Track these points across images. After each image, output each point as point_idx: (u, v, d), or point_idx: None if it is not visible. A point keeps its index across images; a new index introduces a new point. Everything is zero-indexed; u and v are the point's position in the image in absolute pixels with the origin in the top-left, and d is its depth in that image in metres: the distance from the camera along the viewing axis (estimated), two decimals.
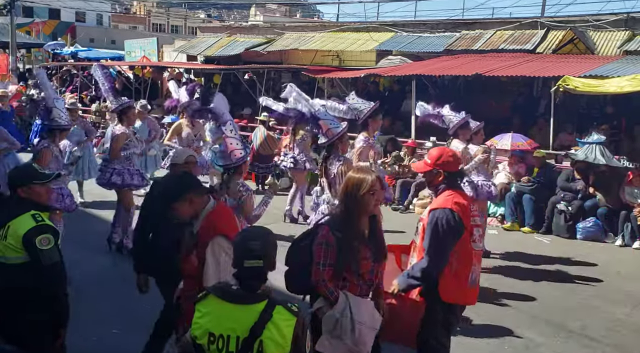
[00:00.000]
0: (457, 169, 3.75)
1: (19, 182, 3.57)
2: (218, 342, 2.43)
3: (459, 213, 3.48)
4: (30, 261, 3.38)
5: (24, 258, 3.40)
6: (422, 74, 11.52)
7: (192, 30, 48.83)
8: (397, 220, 8.44)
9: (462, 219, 3.48)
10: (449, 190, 3.63)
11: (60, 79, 21.51)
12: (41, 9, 39.30)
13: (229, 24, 28.90)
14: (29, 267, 3.39)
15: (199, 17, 58.54)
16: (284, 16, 45.66)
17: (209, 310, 2.49)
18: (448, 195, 3.60)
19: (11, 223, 3.41)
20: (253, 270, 2.48)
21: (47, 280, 3.40)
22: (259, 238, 2.55)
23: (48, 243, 3.39)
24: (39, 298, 3.39)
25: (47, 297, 3.41)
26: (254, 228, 3.00)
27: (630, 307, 6.07)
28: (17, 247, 3.38)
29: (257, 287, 2.49)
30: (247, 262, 2.48)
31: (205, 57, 18.88)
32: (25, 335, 3.36)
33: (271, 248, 2.56)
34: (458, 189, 3.73)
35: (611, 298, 6.32)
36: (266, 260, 2.50)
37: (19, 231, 3.39)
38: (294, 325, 2.43)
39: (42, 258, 3.35)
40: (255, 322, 2.40)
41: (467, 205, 3.58)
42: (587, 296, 6.32)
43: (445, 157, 3.68)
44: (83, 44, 28.24)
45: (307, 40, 16.40)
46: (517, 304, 5.98)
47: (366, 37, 15.36)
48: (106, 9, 50.29)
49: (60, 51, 24.87)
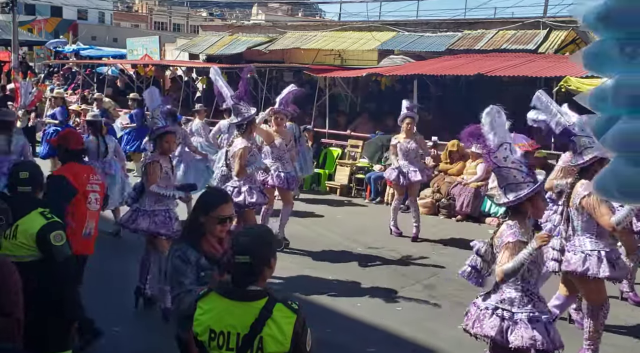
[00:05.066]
0: (74, 148, 4.99)
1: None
2: (219, 338, 2.45)
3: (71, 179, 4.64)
4: (42, 258, 3.40)
5: (34, 257, 3.42)
6: (424, 74, 11.53)
7: (194, 28, 48.81)
8: (399, 219, 8.46)
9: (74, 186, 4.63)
10: (67, 163, 4.92)
11: (62, 77, 21.53)
12: (43, 6, 39.34)
13: (231, 22, 28.90)
14: (40, 265, 3.41)
15: (201, 15, 58.56)
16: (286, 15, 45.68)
17: (210, 306, 2.51)
18: (64, 167, 4.94)
19: (19, 222, 3.42)
20: (243, 266, 2.50)
21: (60, 276, 3.42)
22: (250, 235, 2.60)
23: (61, 239, 3.47)
24: (49, 296, 3.41)
25: (58, 293, 3.43)
26: (251, 226, 3.08)
27: (631, 307, 6.07)
28: (30, 245, 3.41)
29: (246, 282, 2.50)
30: (236, 257, 2.52)
31: (207, 56, 18.87)
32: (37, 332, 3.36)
33: (262, 245, 2.54)
34: (75, 162, 4.94)
35: (612, 298, 6.31)
36: (255, 257, 2.50)
37: (30, 229, 3.42)
38: (294, 322, 2.45)
39: (56, 254, 3.41)
40: (256, 318, 2.42)
41: (81, 173, 4.83)
42: None
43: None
44: (85, 42, 28.27)
45: (308, 40, 16.39)
46: None
47: (368, 36, 15.35)
48: (108, 7, 50.33)
49: (62, 49, 24.89)
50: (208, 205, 3.21)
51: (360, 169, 11.48)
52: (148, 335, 5.12)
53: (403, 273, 6.90)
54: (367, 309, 5.77)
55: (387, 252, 7.65)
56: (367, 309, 5.77)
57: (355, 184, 11.43)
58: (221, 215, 3.17)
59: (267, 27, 20.53)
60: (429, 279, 6.73)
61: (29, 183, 3.69)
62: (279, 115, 7.54)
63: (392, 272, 6.95)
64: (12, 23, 22.67)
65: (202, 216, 3.18)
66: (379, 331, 5.36)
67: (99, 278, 6.56)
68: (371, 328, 5.37)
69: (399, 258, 7.47)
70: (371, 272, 6.88)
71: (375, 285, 6.46)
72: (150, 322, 5.38)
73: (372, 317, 5.58)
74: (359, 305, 5.87)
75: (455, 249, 7.85)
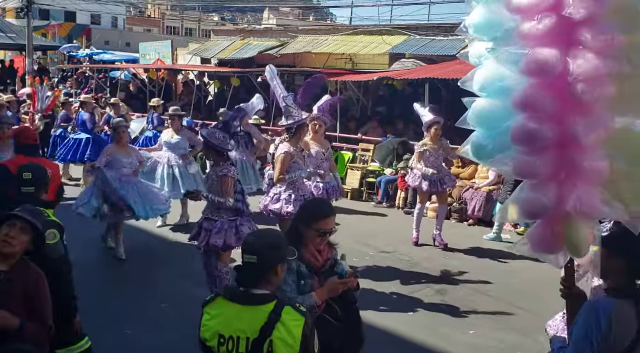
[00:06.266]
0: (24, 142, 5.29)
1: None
2: (228, 343, 2.46)
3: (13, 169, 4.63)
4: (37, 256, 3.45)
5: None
6: (436, 78, 11.50)
7: (206, 33, 49.11)
8: (410, 223, 8.41)
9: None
10: (17, 155, 5.17)
11: (76, 81, 21.75)
12: (57, 11, 39.73)
13: (243, 27, 29.02)
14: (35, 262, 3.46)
15: (213, 20, 58.90)
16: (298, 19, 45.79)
17: (218, 312, 2.53)
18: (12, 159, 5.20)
19: None
20: (249, 266, 2.51)
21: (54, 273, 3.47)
22: (259, 237, 2.63)
23: (54, 237, 3.57)
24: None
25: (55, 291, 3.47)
26: (264, 230, 3.10)
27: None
28: None
29: (250, 283, 2.51)
30: (244, 257, 2.55)
31: (219, 60, 18.98)
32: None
33: (269, 249, 2.54)
34: (22, 155, 5.07)
35: None
36: (261, 258, 2.50)
37: None
38: (303, 325, 2.45)
39: (49, 252, 3.47)
40: (265, 322, 2.42)
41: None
42: None
43: None
44: (98, 47, 28.58)
45: (320, 44, 16.43)
46: (530, 308, 5.94)
47: (379, 40, 15.34)
48: (121, 12, 50.72)
49: (76, 54, 25.16)
50: (310, 216, 3.14)
51: (372, 173, 11.48)
52: (160, 336, 5.14)
53: (414, 278, 6.88)
54: (378, 313, 5.76)
55: (399, 256, 7.63)
56: (377, 313, 5.75)
57: (366, 188, 11.43)
58: (322, 228, 3.10)
59: (279, 31, 20.62)
60: (440, 284, 6.70)
61: (32, 184, 3.90)
62: (317, 122, 7.08)
63: (403, 276, 6.93)
64: (27, 28, 22.89)
65: (302, 226, 3.12)
66: (391, 335, 5.35)
67: (111, 280, 6.63)
68: (382, 332, 5.35)
69: (411, 262, 7.44)
70: (382, 276, 6.86)
71: (387, 289, 6.44)
72: (163, 323, 5.40)
73: (383, 321, 5.56)
74: (370, 310, 5.85)
75: (467, 254, 7.81)
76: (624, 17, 2.44)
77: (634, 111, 2.53)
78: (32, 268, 3.09)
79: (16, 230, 3.03)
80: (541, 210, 2.61)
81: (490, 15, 2.67)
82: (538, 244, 2.71)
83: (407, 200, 10.34)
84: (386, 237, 8.51)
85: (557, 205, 2.55)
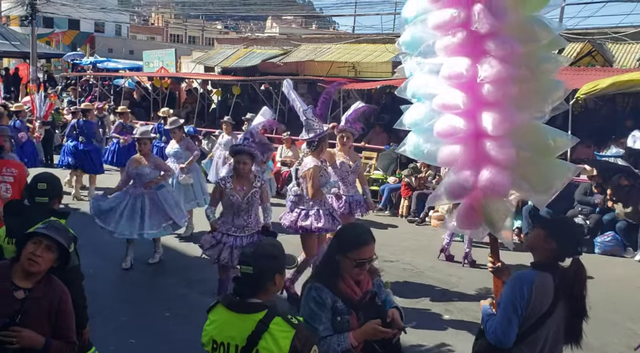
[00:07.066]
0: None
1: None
2: (219, 349, 2.50)
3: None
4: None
5: None
6: None
7: (209, 41, 49.30)
8: (414, 232, 8.40)
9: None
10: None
11: (74, 90, 21.79)
12: (61, 19, 39.92)
13: (246, 35, 29.13)
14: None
15: (216, 28, 59.13)
16: (300, 27, 45.94)
17: (216, 318, 2.57)
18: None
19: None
20: (245, 277, 2.53)
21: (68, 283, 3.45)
22: (255, 247, 2.64)
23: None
24: None
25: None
26: (260, 240, 3.10)
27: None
28: None
29: (246, 294, 2.52)
30: (240, 267, 2.57)
31: (223, 68, 19.04)
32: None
33: (265, 259, 2.54)
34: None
35: (631, 314, 6.23)
36: (257, 269, 2.50)
37: None
38: (292, 337, 2.42)
39: None
40: (252, 331, 2.43)
41: None
42: (607, 312, 6.22)
43: None
44: (102, 54, 28.70)
45: (323, 52, 16.48)
46: None
47: (382, 48, 15.38)
48: (125, 20, 50.98)
49: (79, 61, 25.25)
50: (346, 244, 2.83)
51: (375, 181, 11.47)
52: (165, 346, 5.12)
53: (418, 287, 6.85)
54: None
55: (402, 266, 7.60)
56: None
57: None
58: (360, 258, 2.79)
59: (282, 39, 20.69)
60: (444, 294, 6.67)
61: (46, 194, 3.82)
62: (345, 134, 6.75)
63: (407, 285, 6.90)
64: (31, 36, 22.99)
65: (338, 255, 2.82)
66: None
67: (114, 288, 6.61)
68: None
69: (414, 271, 7.42)
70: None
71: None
72: (167, 332, 5.39)
73: None
74: None
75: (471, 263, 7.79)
76: (520, 31, 2.96)
77: (533, 107, 3.04)
78: (56, 285, 3.04)
79: (42, 248, 2.95)
80: (462, 191, 3.10)
81: (416, 33, 3.20)
82: (462, 221, 3.20)
83: (411, 208, 10.32)
84: (390, 245, 8.48)
85: (473, 186, 3.03)
